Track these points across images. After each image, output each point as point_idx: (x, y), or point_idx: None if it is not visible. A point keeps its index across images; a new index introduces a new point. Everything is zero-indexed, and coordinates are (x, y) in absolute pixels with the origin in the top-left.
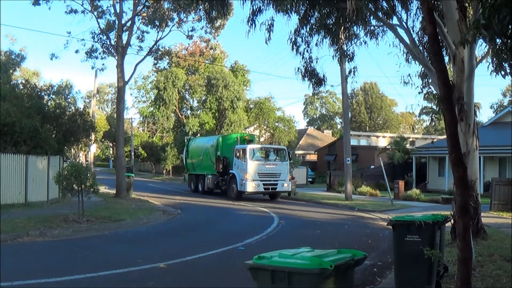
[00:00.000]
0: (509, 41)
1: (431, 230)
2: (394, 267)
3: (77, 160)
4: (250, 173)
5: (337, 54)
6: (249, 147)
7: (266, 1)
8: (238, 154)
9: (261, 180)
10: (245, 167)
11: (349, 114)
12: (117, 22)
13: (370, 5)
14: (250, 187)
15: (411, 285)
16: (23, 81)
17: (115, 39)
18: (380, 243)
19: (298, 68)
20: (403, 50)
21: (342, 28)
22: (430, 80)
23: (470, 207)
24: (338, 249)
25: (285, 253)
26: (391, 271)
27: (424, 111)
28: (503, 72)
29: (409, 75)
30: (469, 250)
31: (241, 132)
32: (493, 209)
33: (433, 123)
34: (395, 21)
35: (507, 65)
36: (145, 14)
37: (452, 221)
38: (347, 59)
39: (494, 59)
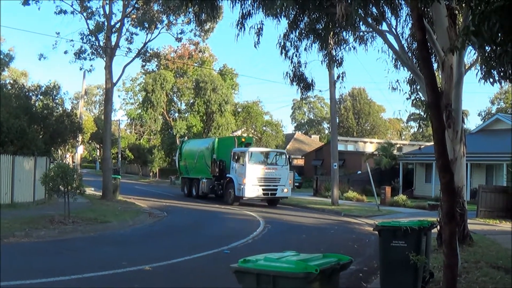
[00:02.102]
0: (498, 48)
1: (417, 236)
2: (380, 272)
3: (64, 161)
4: (249, 177)
5: (326, 59)
6: (249, 150)
7: (255, 5)
8: (236, 157)
9: (260, 185)
10: (243, 171)
11: (337, 119)
12: (106, 23)
13: (360, 10)
14: (249, 192)
15: None
16: (11, 81)
17: (104, 41)
18: (366, 248)
19: (287, 73)
20: (392, 56)
21: (332, 33)
22: (418, 87)
23: (456, 213)
24: (324, 253)
25: (271, 257)
26: (377, 276)
27: (412, 117)
28: (491, 80)
29: (397, 81)
30: (455, 256)
31: (239, 135)
32: (480, 216)
33: (421, 130)
34: (384, 27)
35: (495, 73)
36: (134, 16)
37: (438, 227)
38: (335, 64)
39: (483, 66)
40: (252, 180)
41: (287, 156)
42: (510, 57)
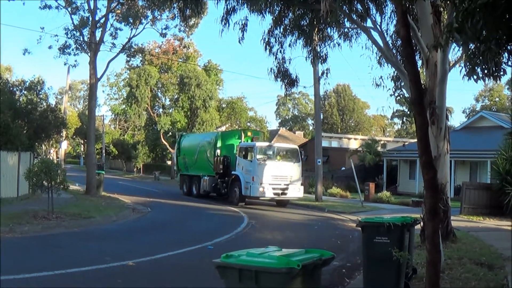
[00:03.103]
0: (482, 45)
1: (400, 232)
2: (363, 268)
3: (48, 156)
4: (258, 175)
5: (310, 56)
6: (258, 145)
7: (240, 1)
8: (243, 153)
9: (270, 184)
10: (252, 168)
11: (321, 116)
12: (90, 18)
13: (344, 7)
14: (257, 191)
15: (380, 286)
16: None
17: (88, 36)
18: (349, 244)
19: (271, 69)
20: (376, 53)
21: (316, 29)
22: (402, 83)
23: (439, 209)
24: (306, 249)
25: (253, 252)
26: (360, 272)
27: (396, 114)
28: (475, 77)
29: (381, 77)
30: (438, 253)
31: (244, 128)
32: (464, 213)
33: (405, 126)
34: (369, 23)
35: (479, 70)
36: (119, 11)
37: (421, 223)
38: (320, 60)
39: (467, 64)
40: (261, 178)
41: (299, 152)
42: (494, 54)
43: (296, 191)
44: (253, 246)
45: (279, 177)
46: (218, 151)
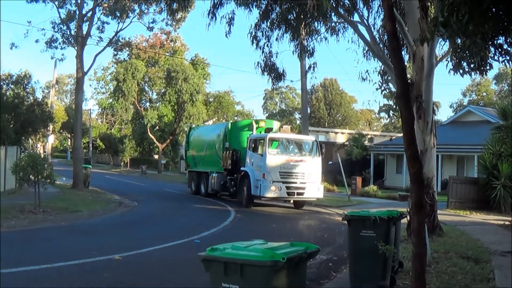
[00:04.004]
0: (467, 39)
1: (386, 225)
2: (349, 262)
3: (35, 150)
4: (270, 171)
5: (297, 50)
6: (269, 136)
7: None
8: (253, 146)
9: (283, 182)
10: (262, 163)
11: (308, 110)
12: (77, 12)
13: (331, 1)
14: (269, 190)
15: (366, 279)
16: None
17: (75, 30)
18: (336, 238)
19: (258, 63)
20: (362, 47)
21: (303, 23)
22: (389, 78)
23: (425, 203)
24: (291, 242)
25: (238, 245)
26: (347, 266)
27: (383, 108)
28: (461, 71)
29: (367, 71)
30: (424, 246)
31: (253, 118)
32: (450, 207)
33: (392, 121)
34: (356, 18)
35: (465, 64)
36: (106, 5)
37: (408, 217)
38: (307, 54)
39: (454, 58)
40: (273, 175)
41: (319, 145)
42: (479, 48)
43: (315, 191)
44: (239, 240)
45: (294, 174)
46: (227, 144)
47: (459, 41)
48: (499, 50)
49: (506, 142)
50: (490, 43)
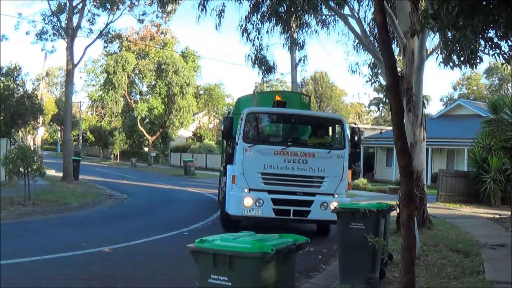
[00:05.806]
0: (457, 32)
1: (376, 218)
2: (339, 254)
3: (25, 143)
4: (245, 172)
5: (287, 42)
6: (247, 112)
7: None
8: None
9: (269, 192)
10: (235, 157)
11: None
12: (68, 4)
13: None
14: (239, 206)
15: (355, 272)
16: None
17: (66, 21)
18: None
19: (248, 55)
20: (352, 39)
21: (294, 16)
22: (379, 71)
23: (415, 196)
24: (280, 234)
25: (227, 237)
26: (336, 258)
27: (374, 101)
28: (451, 64)
29: (357, 63)
30: (413, 238)
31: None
32: (440, 200)
33: (382, 114)
34: (346, 10)
35: (455, 57)
36: None
37: (397, 210)
38: (297, 47)
39: (444, 51)
40: (250, 178)
41: (343, 130)
42: (469, 41)
43: (327, 206)
44: (229, 232)
45: (293, 178)
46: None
47: (449, 34)
48: (489, 43)
49: (496, 136)
50: (480, 36)
